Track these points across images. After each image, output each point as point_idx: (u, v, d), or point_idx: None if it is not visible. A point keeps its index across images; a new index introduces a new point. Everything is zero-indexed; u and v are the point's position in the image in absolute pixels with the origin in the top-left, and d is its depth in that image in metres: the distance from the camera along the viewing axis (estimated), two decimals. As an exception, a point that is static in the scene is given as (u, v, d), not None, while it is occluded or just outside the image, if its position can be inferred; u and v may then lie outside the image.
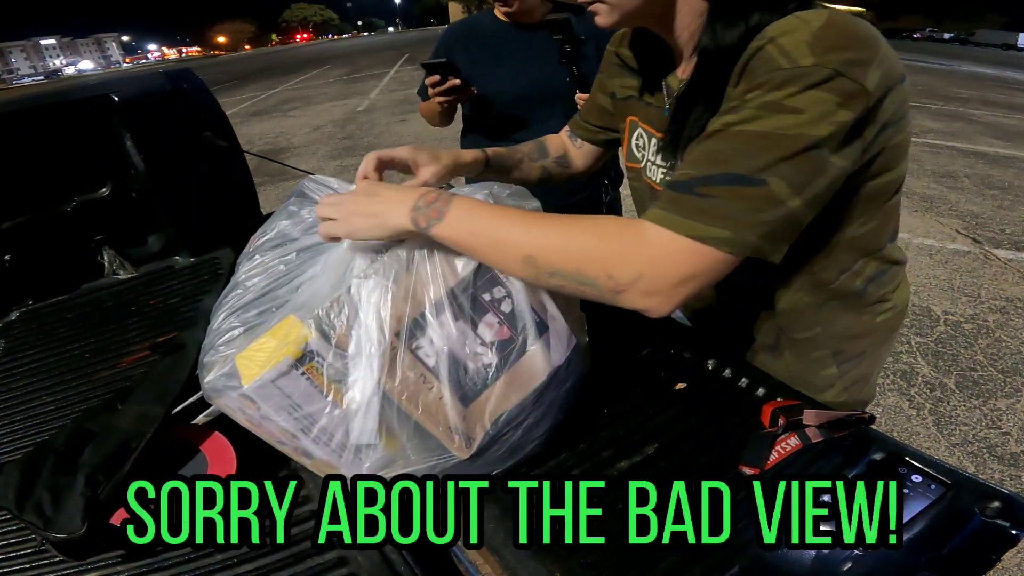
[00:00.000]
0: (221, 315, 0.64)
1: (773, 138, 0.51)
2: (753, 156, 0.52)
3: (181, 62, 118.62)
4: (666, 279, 0.54)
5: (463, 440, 0.60)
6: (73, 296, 1.22)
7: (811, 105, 0.51)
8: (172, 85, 1.30)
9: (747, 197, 0.52)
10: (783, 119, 0.51)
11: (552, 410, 0.67)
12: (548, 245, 0.56)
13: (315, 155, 6.01)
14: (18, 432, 0.86)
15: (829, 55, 0.51)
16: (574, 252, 0.55)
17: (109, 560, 0.62)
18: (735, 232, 0.52)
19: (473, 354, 0.60)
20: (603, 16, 0.65)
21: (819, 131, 0.51)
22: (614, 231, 0.55)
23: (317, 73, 17.03)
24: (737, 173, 0.52)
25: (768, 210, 0.52)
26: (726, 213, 0.52)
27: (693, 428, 0.70)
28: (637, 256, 0.54)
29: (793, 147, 0.51)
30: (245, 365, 0.57)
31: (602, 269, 0.54)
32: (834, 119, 0.51)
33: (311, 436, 0.59)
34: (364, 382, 0.56)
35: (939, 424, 2.01)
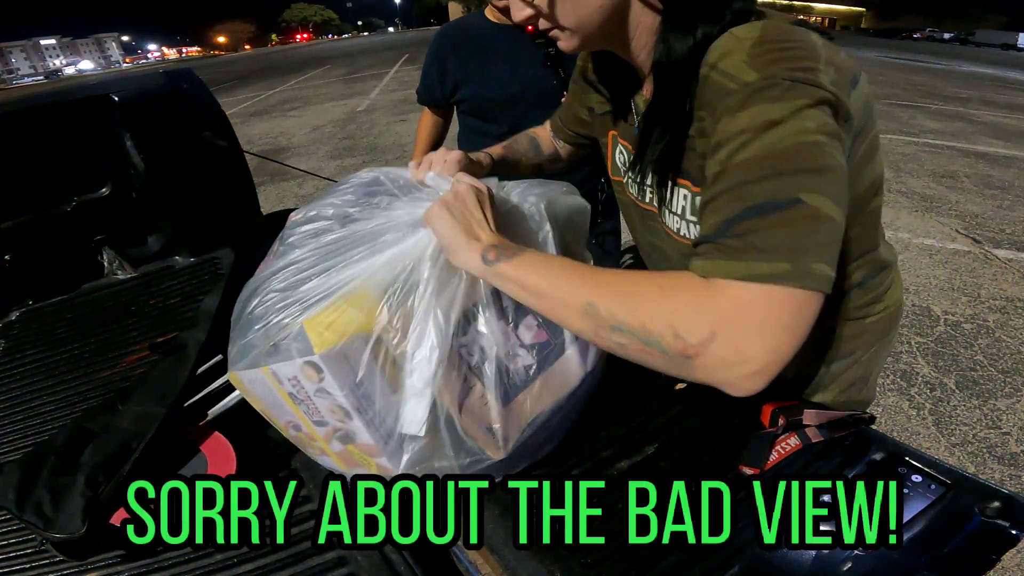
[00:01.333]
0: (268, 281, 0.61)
1: (775, 157, 0.48)
2: (767, 181, 0.47)
3: (181, 62, 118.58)
4: (742, 338, 0.45)
5: (500, 441, 0.60)
6: (73, 296, 1.22)
7: (786, 114, 0.48)
8: (172, 85, 1.30)
9: (787, 222, 0.46)
10: (770, 136, 0.48)
11: (575, 412, 0.67)
12: (611, 295, 0.51)
13: (315, 155, 6.01)
14: (18, 432, 0.86)
15: (771, 68, 0.50)
16: (638, 305, 0.49)
17: (109, 560, 0.62)
18: (795, 263, 0.45)
19: (513, 355, 0.60)
20: (564, 41, 0.64)
21: (812, 136, 0.48)
22: (680, 285, 0.49)
23: (317, 73, 17.03)
24: (763, 202, 0.47)
25: (820, 229, 0.46)
26: (773, 244, 0.45)
27: (693, 428, 0.70)
28: (706, 313, 0.46)
29: (800, 157, 0.47)
30: (318, 331, 0.54)
31: (668, 327, 0.47)
32: (817, 120, 0.49)
33: (366, 417, 0.57)
34: (422, 371, 0.56)
35: (939, 424, 2.01)
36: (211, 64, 37.25)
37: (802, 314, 0.46)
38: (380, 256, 0.58)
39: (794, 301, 0.45)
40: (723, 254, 0.47)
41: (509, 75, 1.51)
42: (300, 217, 0.69)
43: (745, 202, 0.47)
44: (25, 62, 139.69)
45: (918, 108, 7.84)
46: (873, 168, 0.64)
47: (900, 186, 4.46)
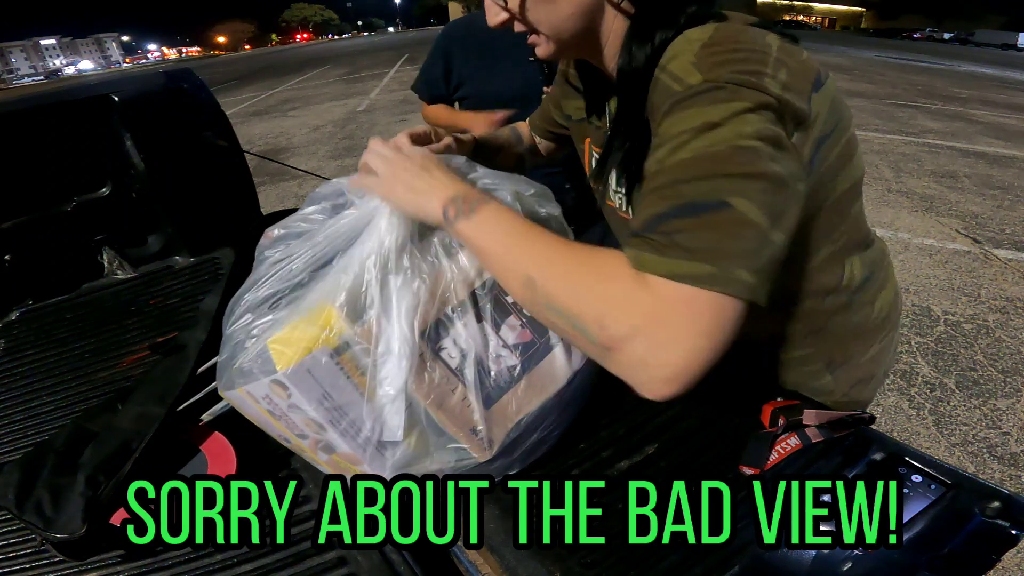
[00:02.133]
0: (246, 300, 0.62)
1: (707, 159, 0.47)
2: (698, 182, 0.47)
3: (181, 62, 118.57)
4: (659, 342, 0.44)
5: (485, 442, 0.60)
6: (73, 296, 1.22)
7: (725, 117, 0.48)
8: (172, 85, 1.30)
9: (712, 225, 0.46)
10: (706, 138, 0.48)
11: (569, 412, 0.67)
12: (548, 273, 0.51)
13: (315, 155, 6.01)
14: (18, 432, 0.86)
15: (716, 70, 0.50)
16: (570, 287, 0.49)
17: (109, 560, 0.62)
18: (720, 267, 0.44)
19: (496, 356, 0.60)
20: (541, 48, 0.64)
21: (748, 141, 0.47)
22: (612, 272, 0.48)
23: (317, 73, 17.03)
24: (689, 202, 0.47)
25: (744, 235, 0.46)
26: (699, 245, 0.45)
27: (693, 428, 0.70)
28: (630, 307, 0.46)
29: (732, 161, 0.47)
30: (279, 351, 0.55)
31: (594, 315, 0.47)
32: (756, 126, 0.48)
33: (339, 428, 0.57)
34: (393, 379, 0.56)
35: (939, 424, 2.01)
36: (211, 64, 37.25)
37: (722, 320, 0.45)
38: (338, 267, 0.58)
39: (714, 305, 0.44)
40: (651, 249, 0.47)
41: (511, 73, 1.52)
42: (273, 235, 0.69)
43: (674, 200, 0.47)
44: (25, 62, 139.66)
45: (918, 108, 7.84)
46: (851, 171, 0.64)
47: (900, 186, 4.46)
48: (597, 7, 0.61)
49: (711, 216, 0.46)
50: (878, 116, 7.05)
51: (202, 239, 1.31)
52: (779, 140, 0.49)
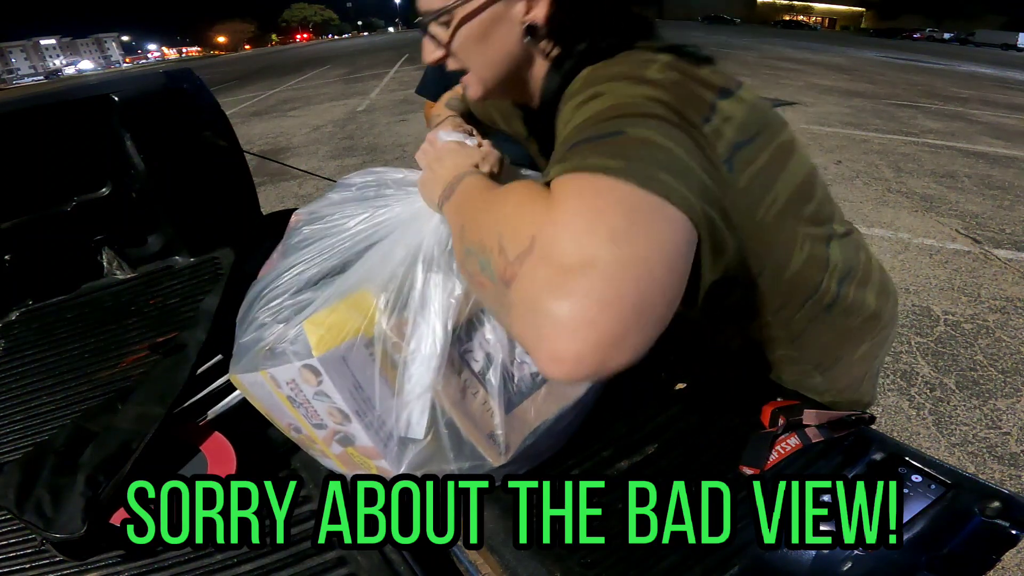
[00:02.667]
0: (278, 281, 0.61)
1: (600, 113, 0.45)
2: (597, 126, 0.44)
3: (181, 62, 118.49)
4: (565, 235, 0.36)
5: (501, 448, 0.60)
6: (73, 296, 1.22)
7: (614, 89, 0.47)
8: (172, 85, 1.30)
9: (614, 143, 0.41)
10: (597, 102, 0.47)
11: (579, 419, 0.67)
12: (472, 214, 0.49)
13: (315, 155, 6.00)
14: (18, 432, 0.86)
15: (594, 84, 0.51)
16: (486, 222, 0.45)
17: (109, 560, 0.62)
18: (630, 162, 0.39)
19: (520, 362, 0.60)
20: (472, 88, 0.65)
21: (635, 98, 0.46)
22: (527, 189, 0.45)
23: (317, 73, 17.03)
24: (588, 136, 0.43)
25: (646, 148, 0.41)
26: (604, 151, 0.41)
27: (693, 428, 0.70)
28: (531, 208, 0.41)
29: (622, 108, 0.45)
30: (316, 333, 0.54)
31: (495, 236, 0.41)
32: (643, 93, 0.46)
33: (365, 420, 0.56)
34: (421, 377, 0.56)
35: (939, 424, 2.01)
36: (211, 64, 37.23)
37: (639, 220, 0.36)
38: (379, 256, 0.58)
39: (629, 200, 0.37)
40: (559, 167, 0.42)
41: None
42: (302, 218, 0.68)
43: (578, 137, 0.44)
44: (25, 62, 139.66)
45: (918, 108, 7.84)
46: (790, 174, 0.59)
47: (900, 186, 4.46)
48: (525, 55, 0.62)
49: (609, 140, 0.42)
50: (878, 116, 7.05)
51: (202, 239, 1.31)
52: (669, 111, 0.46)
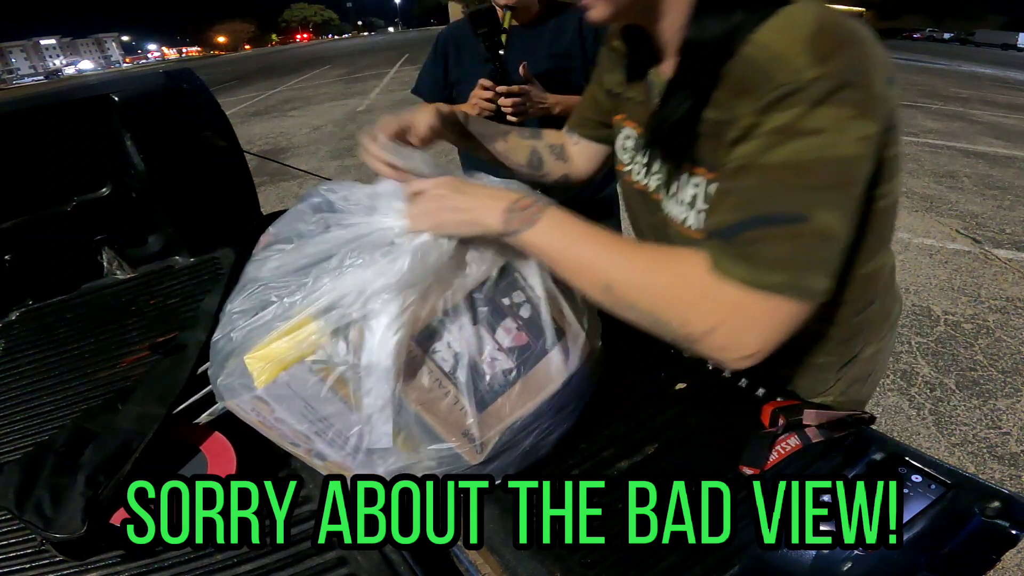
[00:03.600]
0: (230, 314, 0.62)
1: (798, 168, 0.48)
2: (784, 192, 0.49)
3: (181, 62, 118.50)
4: (740, 334, 0.51)
5: (477, 446, 0.60)
6: (73, 296, 1.22)
7: (828, 124, 0.48)
8: (172, 85, 1.30)
9: (790, 237, 0.49)
10: (802, 143, 0.48)
11: (567, 416, 0.67)
12: (627, 279, 0.55)
13: (315, 155, 6.01)
14: (18, 432, 0.86)
15: (832, 62, 0.48)
16: (650, 291, 0.54)
17: (109, 560, 0.62)
18: (792, 276, 0.49)
19: (491, 359, 0.60)
20: (596, 11, 0.63)
21: (845, 150, 0.49)
22: (689, 274, 0.53)
23: (317, 73, 17.02)
24: (773, 213, 0.49)
25: (822, 246, 0.50)
26: (776, 256, 0.49)
27: (693, 428, 0.70)
28: (711, 308, 0.51)
29: (822, 173, 0.48)
30: (257, 366, 0.56)
31: (677, 315, 0.52)
32: (856, 133, 0.49)
33: (326, 439, 0.58)
34: (379, 387, 0.56)
35: (939, 424, 2.01)
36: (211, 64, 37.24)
37: (792, 320, 0.51)
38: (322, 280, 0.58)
39: (787, 309, 0.50)
40: (731, 256, 0.51)
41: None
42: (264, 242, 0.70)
43: (759, 209, 0.50)
44: (25, 62, 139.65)
45: (918, 108, 7.84)
46: (900, 173, 0.64)
47: (900, 186, 4.47)
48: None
49: (791, 228, 0.49)
50: (878, 116, 7.05)
51: (202, 239, 1.31)
52: (871, 139, 0.50)
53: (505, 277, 0.61)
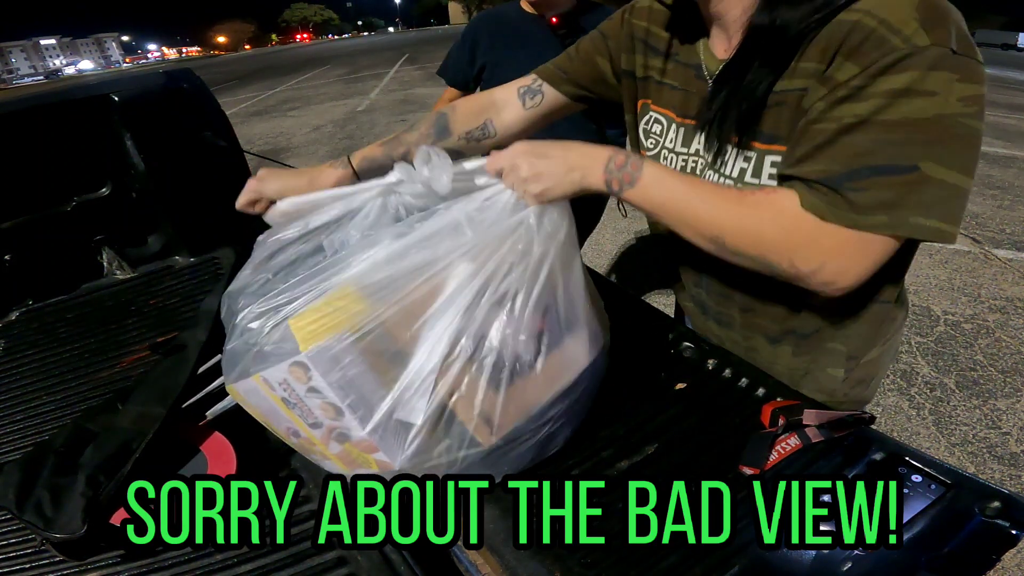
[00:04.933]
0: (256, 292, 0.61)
1: (913, 124, 0.52)
2: (897, 145, 0.53)
3: (181, 62, 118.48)
4: (843, 269, 0.57)
5: (494, 429, 0.60)
6: (73, 296, 1.22)
7: (940, 87, 0.51)
8: (172, 85, 1.30)
9: (899, 184, 0.53)
10: (919, 103, 0.51)
11: (577, 412, 0.67)
12: (735, 230, 0.60)
13: (315, 155, 6.00)
14: (18, 432, 0.86)
15: (939, 31, 0.51)
16: (759, 240, 0.59)
17: (109, 560, 0.62)
18: (894, 216, 0.54)
19: (511, 345, 0.60)
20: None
21: (958, 108, 0.52)
22: (794, 224, 0.58)
23: (317, 73, 17.02)
24: (884, 164, 0.53)
25: (924, 189, 0.53)
26: (880, 201, 0.53)
27: (693, 428, 0.70)
28: (817, 251, 0.57)
29: (935, 130, 0.52)
30: (302, 330, 0.55)
31: (785, 259, 0.58)
32: (967, 93, 0.52)
33: (358, 414, 0.57)
34: (419, 364, 0.56)
35: (939, 424, 2.01)
36: (211, 64, 37.22)
37: (887, 252, 0.56)
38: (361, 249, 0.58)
39: (884, 245, 0.56)
40: (837, 203, 0.55)
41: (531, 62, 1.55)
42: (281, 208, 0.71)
43: (870, 160, 0.54)
44: (25, 62, 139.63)
45: (918, 108, 7.83)
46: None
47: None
48: None
49: (901, 177, 0.53)
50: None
51: (202, 239, 1.31)
52: (977, 101, 0.53)
53: (522, 265, 0.61)
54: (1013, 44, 32.35)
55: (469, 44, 1.65)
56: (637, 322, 0.89)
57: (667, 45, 0.76)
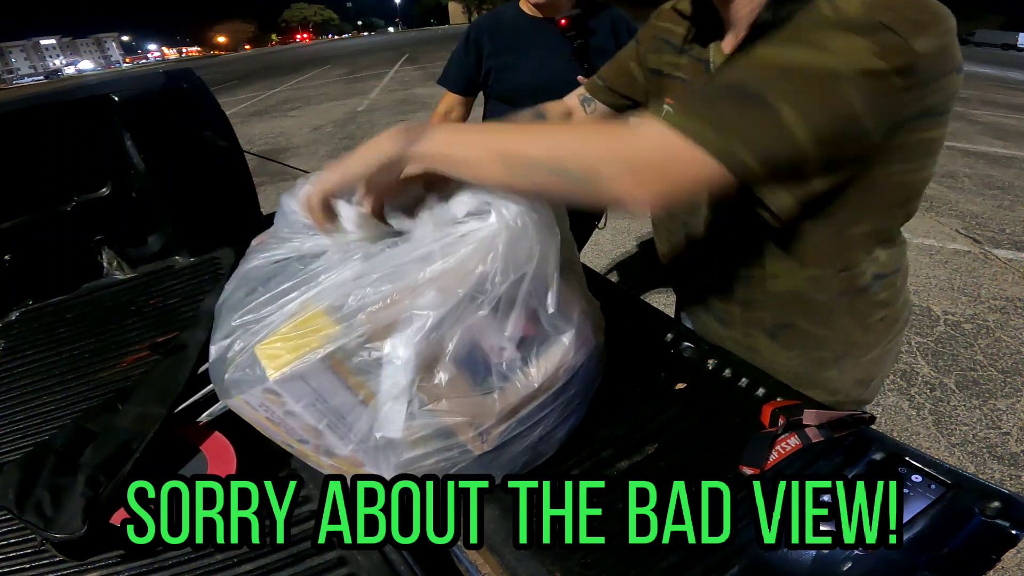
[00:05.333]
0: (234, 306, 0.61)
1: (793, 69, 0.50)
2: (769, 81, 0.50)
3: (181, 62, 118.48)
4: (647, 166, 0.51)
5: (483, 437, 0.60)
6: (73, 296, 1.22)
7: (843, 47, 0.49)
8: (172, 85, 1.30)
9: (752, 117, 0.50)
10: (807, 53, 0.50)
11: (572, 413, 0.67)
12: (523, 140, 0.54)
13: (315, 155, 6.01)
14: (18, 432, 0.86)
15: (878, 11, 0.49)
16: (553, 146, 0.53)
17: (109, 560, 0.62)
18: (726, 142, 0.49)
19: (496, 349, 0.60)
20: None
21: (843, 68, 0.49)
22: (604, 128, 0.54)
23: (317, 73, 17.02)
24: (748, 91, 0.50)
25: (772, 135, 0.50)
26: (726, 125, 0.50)
27: (693, 428, 0.70)
28: (624, 146, 0.52)
29: (812, 79, 0.49)
30: (269, 356, 0.55)
31: (589, 163, 0.52)
32: (863, 63, 0.48)
33: (338, 432, 0.57)
34: (393, 379, 0.56)
35: (939, 424, 2.01)
36: (211, 64, 37.22)
37: (704, 180, 0.50)
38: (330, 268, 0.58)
39: (704, 166, 0.49)
40: (684, 111, 0.52)
41: (539, 64, 1.56)
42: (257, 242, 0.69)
43: (736, 84, 0.52)
44: (25, 62, 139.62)
45: (918, 108, 7.83)
46: (933, 163, 0.64)
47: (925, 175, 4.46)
48: None
49: (755, 109, 0.49)
50: (878, 116, 7.04)
51: (202, 239, 1.30)
52: (877, 80, 0.49)
53: (509, 268, 0.61)
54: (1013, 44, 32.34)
55: (473, 49, 1.64)
56: (637, 322, 0.89)
57: (684, 42, 0.79)
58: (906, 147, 0.59)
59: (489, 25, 1.65)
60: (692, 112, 0.51)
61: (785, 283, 0.75)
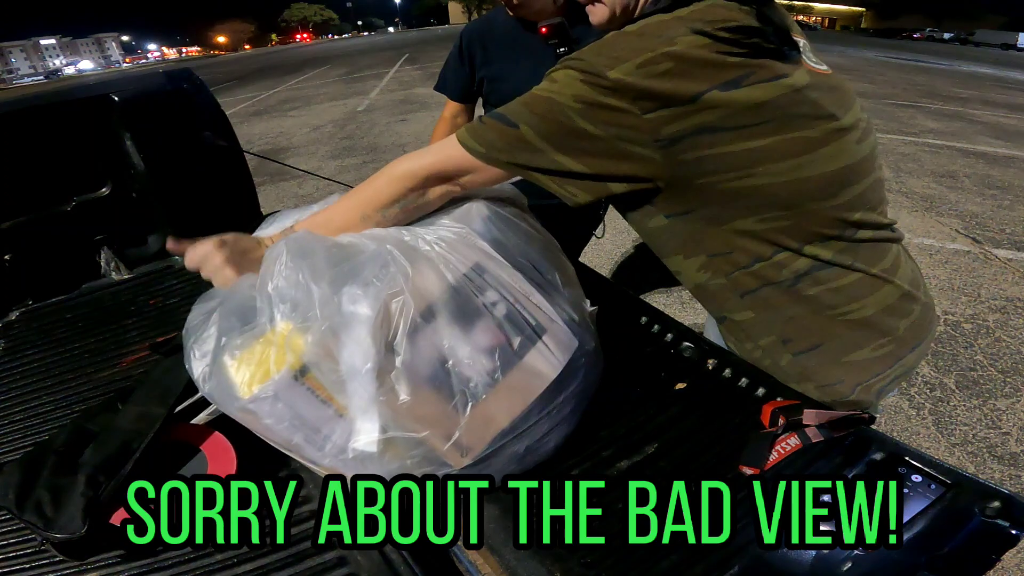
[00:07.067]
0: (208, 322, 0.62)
1: (532, 97, 0.68)
2: (518, 107, 0.68)
3: (181, 62, 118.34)
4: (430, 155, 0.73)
5: (462, 450, 0.59)
6: (73, 296, 1.22)
7: (561, 79, 0.66)
8: (172, 85, 1.30)
9: (503, 133, 0.68)
10: (544, 85, 0.68)
11: (567, 415, 0.66)
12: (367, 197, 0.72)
13: (315, 155, 6.00)
14: (18, 432, 0.86)
15: (593, 50, 0.65)
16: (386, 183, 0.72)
17: (109, 560, 0.62)
18: (487, 149, 0.69)
19: (470, 362, 0.59)
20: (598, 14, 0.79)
21: (561, 97, 0.65)
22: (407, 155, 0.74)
23: (317, 73, 17.01)
24: (504, 115, 0.69)
25: (516, 146, 0.68)
26: (484, 137, 0.69)
27: (693, 428, 0.70)
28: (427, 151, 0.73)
29: (541, 105, 0.66)
30: (241, 375, 0.56)
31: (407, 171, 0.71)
32: (574, 91, 0.64)
33: (316, 444, 0.58)
34: (362, 392, 0.56)
35: (939, 424, 2.01)
36: (211, 64, 37.20)
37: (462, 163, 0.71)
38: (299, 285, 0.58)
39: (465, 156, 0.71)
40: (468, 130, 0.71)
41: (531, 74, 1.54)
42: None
43: (503, 111, 0.70)
44: (25, 62, 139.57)
45: (918, 108, 7.84)
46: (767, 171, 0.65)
47: (900, 186, 4.46)
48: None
49: (505, 127, 0.68)
50: (878, 116, 7.05)
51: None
52: (594, 105, 0.64)
53: (477, 278, 0.61)
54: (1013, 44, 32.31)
55: (466, 58, 1.62)
56: (637, 322, 0.89)
57: None
58: (707, 160, 0.65)
59: (480, 33, 1.61)
60: (471, 128, 0.71)
61: (688, 277, 0.78)
